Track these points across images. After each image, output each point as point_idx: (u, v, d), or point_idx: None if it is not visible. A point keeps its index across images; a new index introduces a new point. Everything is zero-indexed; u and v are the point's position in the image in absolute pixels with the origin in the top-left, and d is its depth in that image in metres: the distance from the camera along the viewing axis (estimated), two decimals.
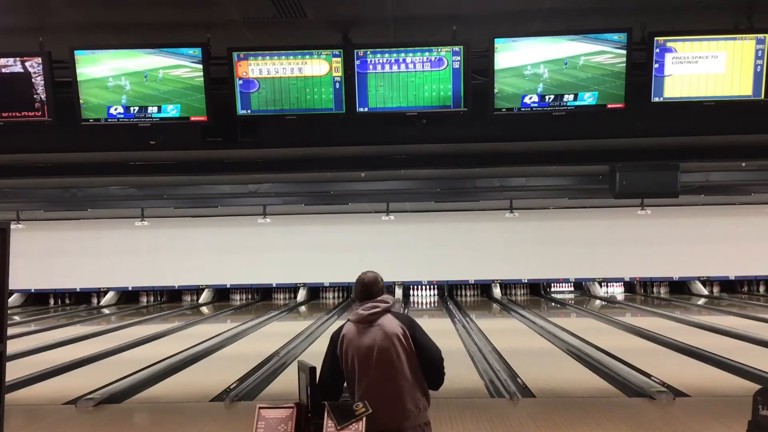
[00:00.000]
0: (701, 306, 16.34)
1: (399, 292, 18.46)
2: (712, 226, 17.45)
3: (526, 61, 4.92)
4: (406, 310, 15.70)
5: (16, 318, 16.33)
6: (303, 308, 17.76)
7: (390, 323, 3.24)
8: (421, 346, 3.23)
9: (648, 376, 7.42)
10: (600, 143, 6.86)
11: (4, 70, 5.10)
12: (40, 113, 5.17)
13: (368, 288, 3.32)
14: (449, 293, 19.07)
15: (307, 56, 5.03)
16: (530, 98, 5.00)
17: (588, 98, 4.99)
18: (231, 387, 7.31)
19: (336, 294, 19.58)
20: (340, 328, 3.34)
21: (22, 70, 5.09)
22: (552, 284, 19.38)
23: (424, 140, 6.02)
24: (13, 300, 18.53)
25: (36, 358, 9.84)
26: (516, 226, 16.76)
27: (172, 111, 5.15)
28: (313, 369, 3.10)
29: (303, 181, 11.92)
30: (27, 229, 15.88)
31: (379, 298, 3.30)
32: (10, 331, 6.44)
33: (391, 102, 5.07)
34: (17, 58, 5.08)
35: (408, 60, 4.99)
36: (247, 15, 4.87)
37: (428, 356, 3.24)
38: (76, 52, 5.03)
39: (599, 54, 4.86)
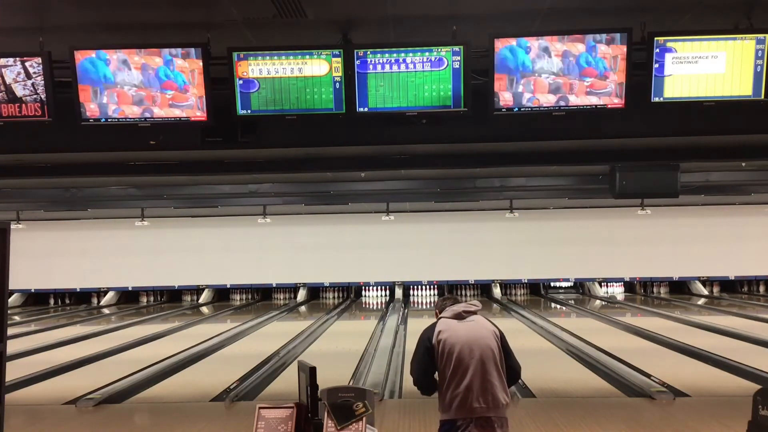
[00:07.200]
0: (701, 306, 16.33)
1: (399, 292, 18.45)
2: (712, 226, 17.43)
3: None
4: (406, 311, 15.69)
5: (16, 318, 16.33)
6: (303, 308, 17.75)
7: (484, 321, 3.63)
8: (508, 352, 3.60)
9: (648, 376, 7.42)
10: (600, 143, 6.86)
11: (4, 70, 5.10)
12: (40, 113, 5.17)
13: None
14: (449, 293, 19.05)
15: (307, 56, 5.03)
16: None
17: None
18: (231, 387, 7.31)
19: (336, 294, 19.57)
20: (432, 325, 3.62)
21: (22, 70, 5.09)
22: (552, 284, 19.39)
23: (424, 140, 6.02)
24: (13, 300, 18.53)
25: (36, 358, 9.84)
26: (516, 226, 16.73)
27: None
28: (313, 369, 3.08)
29: (303, 181, 11.91)
30: (27, 229, 15.86)
31: (470, 302, 3.71)
32: (10, 331, 6.43)
33: (391, 102, 5.06)
34: (17, 58, 5.07)
35: (408, 60, 4.99)
36: (247, 15, 4.86)
37: (512, 363, 3.61)
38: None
39: None
